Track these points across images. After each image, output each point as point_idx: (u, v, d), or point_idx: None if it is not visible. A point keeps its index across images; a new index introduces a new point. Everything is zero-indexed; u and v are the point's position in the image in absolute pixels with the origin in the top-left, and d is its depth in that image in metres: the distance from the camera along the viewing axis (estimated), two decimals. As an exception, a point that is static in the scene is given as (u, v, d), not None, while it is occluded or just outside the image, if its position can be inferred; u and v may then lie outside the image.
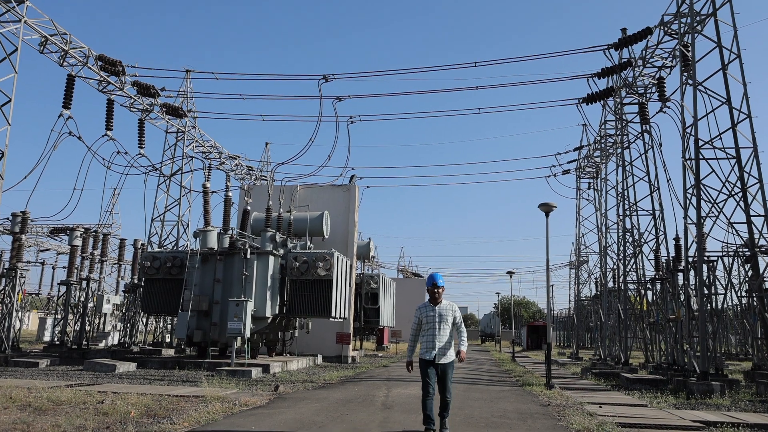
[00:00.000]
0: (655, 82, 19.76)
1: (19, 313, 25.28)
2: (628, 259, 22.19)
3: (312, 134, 30.55)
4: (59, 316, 25.46)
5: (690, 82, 15.99)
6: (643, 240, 21.44)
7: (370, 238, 35.40)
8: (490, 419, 9.16)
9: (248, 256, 18.46)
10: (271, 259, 19.08)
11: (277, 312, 19.12)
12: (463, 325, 7.51)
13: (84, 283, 23.13)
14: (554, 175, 30.10)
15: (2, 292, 19.47)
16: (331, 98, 23.65)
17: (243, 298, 17.25)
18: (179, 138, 26.29)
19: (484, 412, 9.97)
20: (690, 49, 16.23)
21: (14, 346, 20.37)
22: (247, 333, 17.00)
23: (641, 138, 21.30)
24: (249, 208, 23.42)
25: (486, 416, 9.46)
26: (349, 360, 24.23)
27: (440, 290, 7.45)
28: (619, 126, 22.88)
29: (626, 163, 22.16)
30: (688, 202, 15.41)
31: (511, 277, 40.29)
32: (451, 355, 7.32)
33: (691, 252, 15.50)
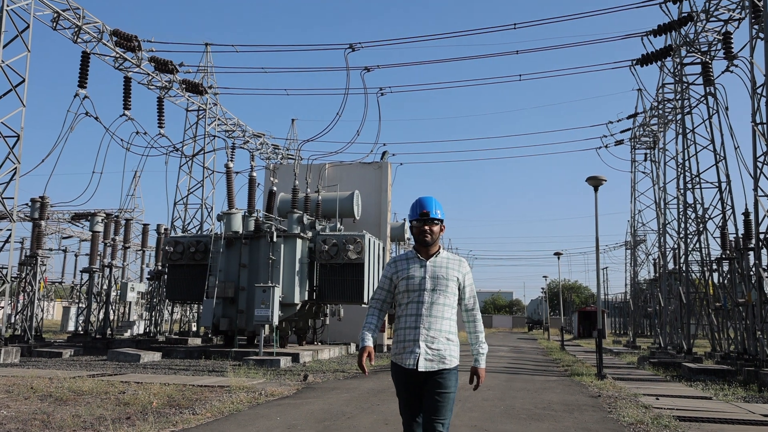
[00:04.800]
0: (721, 37, 18.90)
1: (42, 301, 26.31)
2: (691, 237, 21.53)
3: (339, 108, 30.54)
4: (83, 305, 26.41)
5: (761, 35, 15.23)
6: (707, 216, 20.75)
7: (405, 219, 35.38)
8: (533, 411, 9.07)
9: (275, 239, 18.65)
10: (299, 242, 19.24)
11: (306, 298, 19.34)
12: (477, 303, 4.17)
13: (107, 270, 23.83)
14: (606, 147, 29.38)
15: (24, 280, 20.26)
16: (359, 69, 23.57)
17: (270, 284, 17.48)
18: (200, 116, 26.65)
19: (526, 403, 9.89)
20: (761, -2, 15.42)
21: (37, 336, 21.24)
22: (275, 320, 17.25)
23: (704, 102, 20.48)
24: (275, 188, 23.68)
25: (529, 407, 9.38)
26: (384, 348, 24.38)
27: (436, 228, 4.09)
28: (679, 89, 22.04)
29: (687, 131, 21.38)
30: (759, 171, 14.82)
31: (558, 258, 39.75)
32: (451, 357, 3.96)
33: (763, 228, 14.94)
